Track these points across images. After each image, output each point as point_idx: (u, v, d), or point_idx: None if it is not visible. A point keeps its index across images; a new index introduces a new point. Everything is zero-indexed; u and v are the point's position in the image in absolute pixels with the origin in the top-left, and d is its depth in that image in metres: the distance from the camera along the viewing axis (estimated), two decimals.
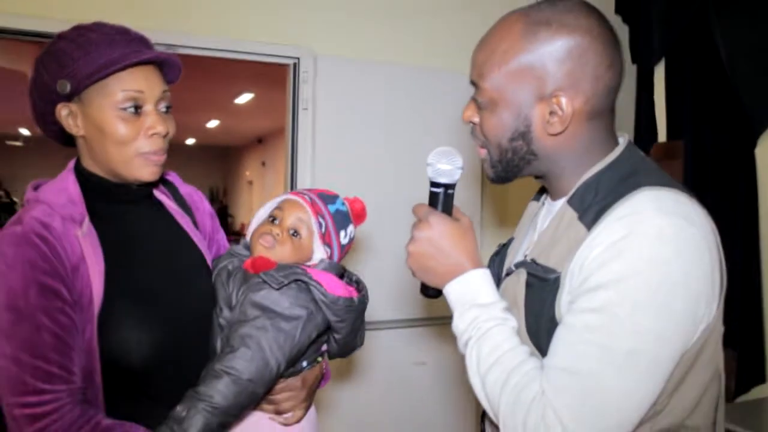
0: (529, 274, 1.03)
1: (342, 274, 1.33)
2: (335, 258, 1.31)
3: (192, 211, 1.40)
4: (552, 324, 0.96)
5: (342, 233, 1.31)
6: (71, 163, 1.22)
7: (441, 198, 1.10)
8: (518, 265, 1.07)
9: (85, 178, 1.19)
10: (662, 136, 3.13)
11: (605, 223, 0.92)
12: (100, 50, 1.11)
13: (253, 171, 13.00)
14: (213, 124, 11.68)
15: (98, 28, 1.15)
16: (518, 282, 1.04)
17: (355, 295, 1.25)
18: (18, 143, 16.31)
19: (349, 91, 2.89)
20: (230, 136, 12.77)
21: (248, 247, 1.32)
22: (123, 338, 1.12)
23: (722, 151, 2.86)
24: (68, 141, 1.23)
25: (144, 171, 1.17)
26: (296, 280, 1.19)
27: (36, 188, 1.17)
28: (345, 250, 1.35)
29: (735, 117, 2.79)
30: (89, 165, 1.20)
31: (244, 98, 8.90)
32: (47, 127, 1.21)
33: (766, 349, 2.73)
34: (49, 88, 1.13)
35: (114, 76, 1.12)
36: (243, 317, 1.18)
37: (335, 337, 1.29)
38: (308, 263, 1.28)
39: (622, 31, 3.55)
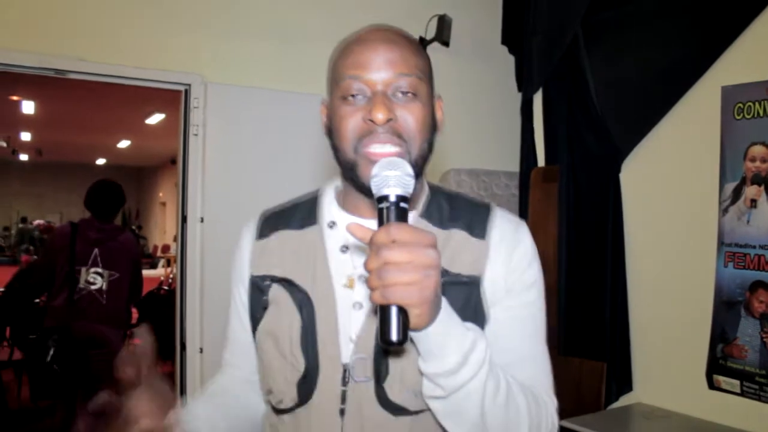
0: (450, 283, 0.94)
1: None
2: None
3: None
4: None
5: None
6: None
7: (393, 213, 0.80)
8: None
9: None
10: (542, 160, 3.34)
11: (504, 231, 1.01)
12: None
13: (166, 192, 12.72)
14: (124, 144, 11.40)
15: None
16: None
17: None
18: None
19: (240, 117, 2.95)
20: (143, 156, 12.49)
21: None
22: None
23: (592, 175, 3.08)
24: None
25: None
26: None
27: None
28: None
29: (603, 144, 3.02)
30: None
31: (155, 119, 8.74)
32: None
33: (632, 359, 2.94)
34: None
35: None
36: None
37: None
38: None
39: (509, 61, 3.78)
